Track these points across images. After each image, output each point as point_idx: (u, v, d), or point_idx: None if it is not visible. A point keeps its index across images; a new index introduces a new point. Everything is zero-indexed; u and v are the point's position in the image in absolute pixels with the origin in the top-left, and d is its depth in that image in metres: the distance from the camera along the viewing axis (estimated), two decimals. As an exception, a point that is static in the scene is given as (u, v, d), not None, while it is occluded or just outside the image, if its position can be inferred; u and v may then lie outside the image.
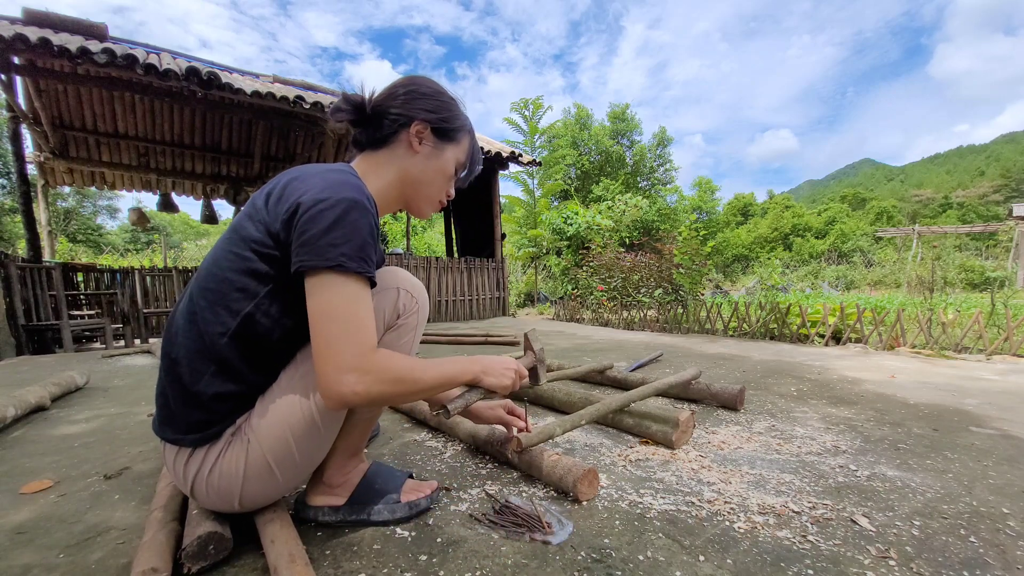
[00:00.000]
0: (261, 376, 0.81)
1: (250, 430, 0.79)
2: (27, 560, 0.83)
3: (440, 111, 0.89)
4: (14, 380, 2.65)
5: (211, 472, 0.79)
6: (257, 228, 0.77)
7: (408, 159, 0.89)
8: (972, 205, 47.97)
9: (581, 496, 0.99)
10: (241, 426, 0.80)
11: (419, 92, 0.89)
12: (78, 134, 6.19)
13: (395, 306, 0.86)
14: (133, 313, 5.18)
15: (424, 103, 0.89)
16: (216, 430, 0.79)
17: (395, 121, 0.87)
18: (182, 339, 0.79)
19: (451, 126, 0.91)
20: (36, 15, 4.20)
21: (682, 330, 4.68)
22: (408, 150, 0.89)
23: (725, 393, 1.72)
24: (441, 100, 0.90)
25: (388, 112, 0.88)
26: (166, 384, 0.80)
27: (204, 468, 0.79)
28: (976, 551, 0.82)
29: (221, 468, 0.79)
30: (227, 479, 0.79)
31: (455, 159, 0.93)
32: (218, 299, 0.77)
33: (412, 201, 0.94)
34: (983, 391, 2.01)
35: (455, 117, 0.92)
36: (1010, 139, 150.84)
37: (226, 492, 0.80)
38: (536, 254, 12.02)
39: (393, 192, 0.91)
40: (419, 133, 0.88)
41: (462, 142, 0.93)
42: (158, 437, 0.82)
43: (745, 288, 12.45)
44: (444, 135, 0.90)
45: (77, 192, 19.13)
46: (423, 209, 0.95)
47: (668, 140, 32.44)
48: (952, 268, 10.98)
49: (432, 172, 0.91)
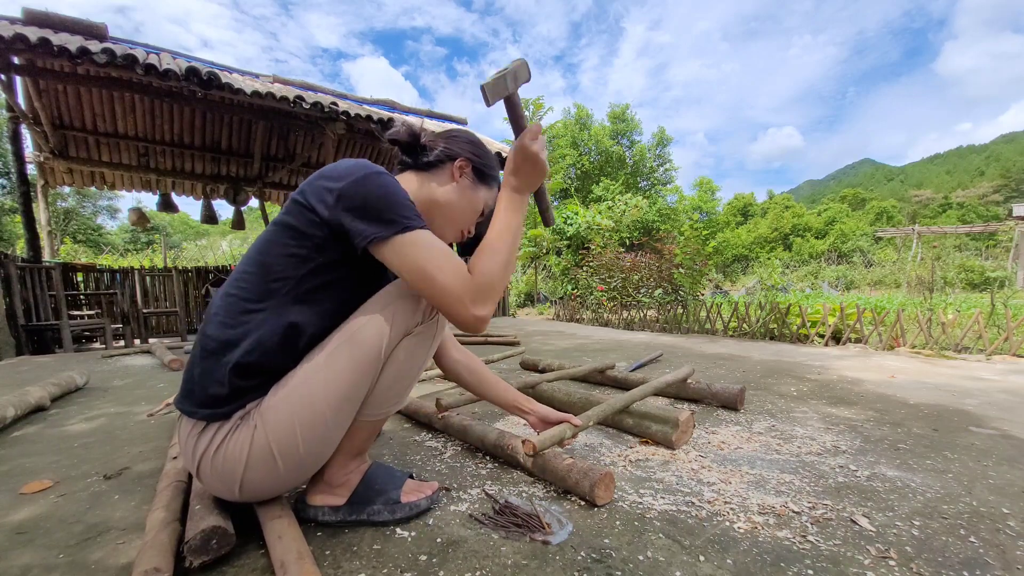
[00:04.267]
0: (284, 358, 0.83)
1: (259, 415, 0.80)
2: (27, 560, 0.83)
3: (483, 157, 1.03)
4: (14, 380, 2.65)
5: (216, 452, 0.80)
6: (299, 218, 0.82)
7: (446, 184, 0.99)
8: (972, 205, 47.97)
9: (599, 500, 0.99)
10: (251, 411, 0.81)
11: (470, 141, 1.04)
12: (78, 134, 6.18)
13: (415, 312, 0.88)
14: (133, 313, 5.18)
15: (470, 148, 1.02)
16: (227, 409, 0.80)
17: (444, 153, 0.99)
18: (216, 313, 0.83)
19: (488, 172, 1.03)
20: (36, 15, 4.19)
21: (682, 330, 4.68)
22: (449, 179, 0.99)
23: (725, 393, 1.72)
24: (484, 150, 1.04)
25: (436, 145, 1.00)
26: (195, 358, 0.84)
27: (211, 447, 0.81)
28: (976, 551, 0.82)
29: (227, 450, 0.80)
30: (231, 462, 0.80)
31: (485, 200, 1.03)
32: (260, 275, 0.82)
33: (438, 223, 0.99)
34: (983, 391, 2.01)
35: (492, 167, 1.04)
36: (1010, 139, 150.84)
37: (228, 476, 0.81)
38: (536, 254, 12.02)
39: (422, 208, 0.96)
40: (462, 167, 0.99)
41: (493, 189, 1.05)
42: (177, 410, 0.86)
43: (745, 288, 12.45)
44: (481, 177, 1.02)
45: (77, 192, 19.14)
46: (445, 233, 1.01)
47: (668, 140, 32.46)
48: (952, 268, 10.98)
49: (464, 202, 1.00)
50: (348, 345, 0.82)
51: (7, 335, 3.81)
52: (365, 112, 5.15)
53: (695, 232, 6.17)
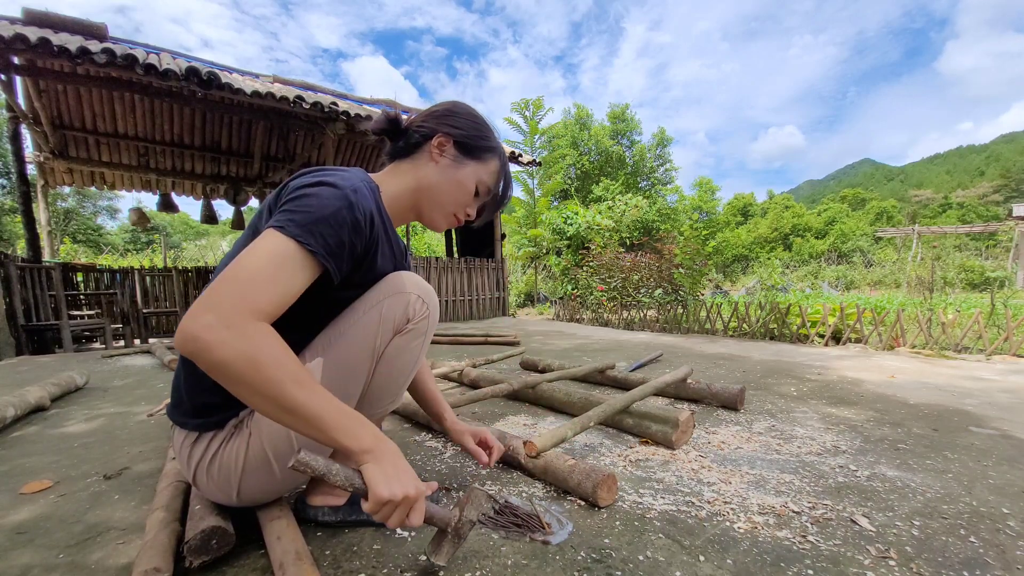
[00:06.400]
0: None
1: (252, 422, 0.80)
2: (27, 560, 0.83)
3: (467, 129, 0.92)
4: (14, 380, 2.65)
5: (212, 461, 0.80)
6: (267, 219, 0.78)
7: (426, 167, 0.91)
8: (972, 205, 47.96)
9: (601, 502, 0.98)
10: (244, 419, 0.81)
11: (451, 112, 0.94)
12: (78, 134, 6.18)
13: (406, 310, 0.86)
14: (133, 313, 5.18)
15: (452, 120, 0.92)
16: (220, 418, 0.80)
17: (422, 134, 0.91)
18: None
19: (475, 144, 0.93)
20: (36, 15, 4.20)
21: (682, 330, 4.68)
22: (428, 160, 0.91)
23: (725, 393, 1.72)
24: (471, 121, 0.93)
25: (420, 127, 0.92)
26: (180, 367, 0.83)
27: (206, 456, 0.81)
28: (976, 551, 0.82)
29: (222, 458, 0.80)
30: (226, 470, 0.80)
31: (476, 177, 0.94)
32: None
33: (425, 210, 0.94)
34: (983, 391, 2.01)
35: (482, 138, 0.94)
36: (1010, 139, 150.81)
37: (225, 483, 0.81)
38: (536, 254, 12.03)
39: (407, 199, 0.92)
40: (440, 145, 0.90)
41: (488, 163, 0.95)
42: (170, 420, 0.85)
43: (745, 288, 12.45)
44: (467, 151, 0.92)
45: (77, 192, 19.14)
46: (436, 220, 0.95)
47: (668, 140, 32.45)
48: (952, 268, 10.98)
49: (447, 181, 0.91)
50: (339, 345, 0.82)
51: (7, 335, 3.81)
52: (365, 112, 5.16)
53: (695, 232, 6.18)
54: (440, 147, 0.91)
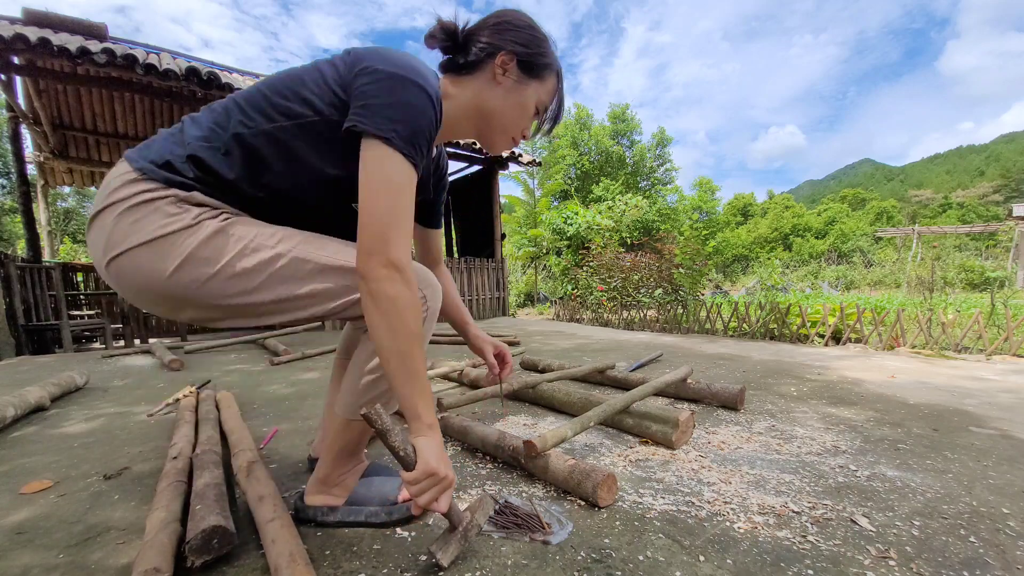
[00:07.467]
0: (246, 186, 0.80)
1: (236, 224, 0.78)
2: (27, 560, 0.83)
3: (529, 45, 0.87)
4: (14, 380, 2.65)
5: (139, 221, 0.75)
6: (332, 71, 0.78)
7: (490, 89, 0.87)
8: (972, 205, 47.98)
9: (601, 502, 0.98)
10: (224, 213, 0.79)
11: (511, 24, 0.88)
12: (78, 134, 6.18)
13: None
14: (133, 313, 5.17)
15: (514, 35, 0.86)
16: (179, 179, 0.77)
17: (483, 50, 0.86)
18: (203, 118, 0.82)
19: (537, 62, 0.88)
20: (36, 15, 4.20)
21: (682, 330, 4.68)
22: (491, 80, 0.87)
23: (725, 393, 1.72)
24: (532, 35, 0.88)
25: (477, 40, 0.87)
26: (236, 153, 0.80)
27: (141, 214, 0.75)
28: (976, 551, 0.82)
29: (168, 231, 0.75)
30: (170, 246, 0.75)
31: (536, 97, 0.90)
32: (259, 105, 0.79)
33: (485, 132, 0.92)
34: (983, 391, 2.01)
35: (543, 55, 0.89)
36: (1010, 139, 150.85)
37: (159, 259, 0.75)
38: (536, 254, 12.02)
39: (465, 119, 0.90)
40: (504, 64, 0.86)
41: (547, 81, 0.91)
42: (125, 160, 0.81)
43: (745, 288, 12.45)
44: (529, 70, 0.88)
45: (77, 192, 19.12)
46: (496, 141, 0.93)
47: (668, 140, 32.46)
48: (952, 268, 10.98)
49: (511, 106, 0.88)
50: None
51: (7, 335, 3.81)
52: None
53: (695, 232, 6.19)
54: (503, 66, 0.86)
